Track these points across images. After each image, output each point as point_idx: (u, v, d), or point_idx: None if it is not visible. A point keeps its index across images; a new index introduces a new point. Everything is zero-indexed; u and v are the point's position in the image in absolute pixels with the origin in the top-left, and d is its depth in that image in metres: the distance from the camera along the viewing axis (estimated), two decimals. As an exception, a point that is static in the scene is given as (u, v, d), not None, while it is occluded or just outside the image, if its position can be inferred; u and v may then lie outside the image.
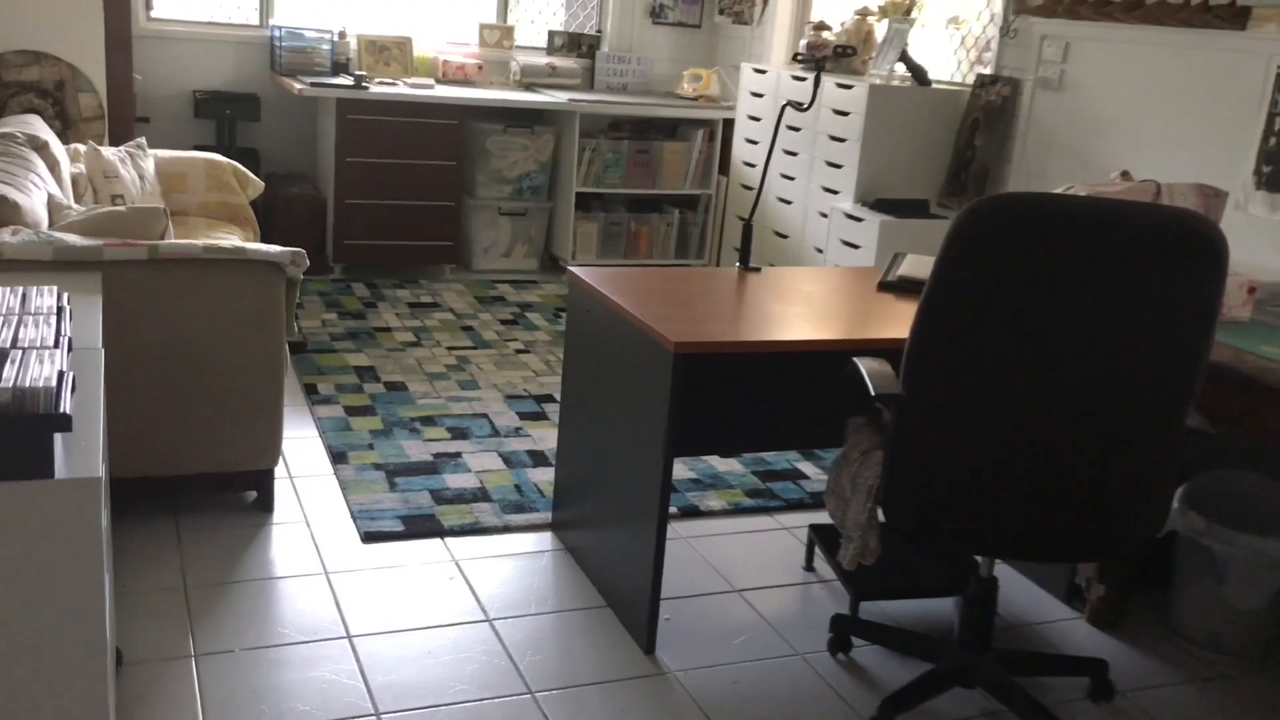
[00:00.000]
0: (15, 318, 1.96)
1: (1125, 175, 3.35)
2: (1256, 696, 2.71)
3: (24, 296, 2.08)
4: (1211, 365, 2.27)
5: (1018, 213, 2.01)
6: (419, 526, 3.14)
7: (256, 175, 4.54)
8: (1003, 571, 3.15)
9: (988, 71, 4.61)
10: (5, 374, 1.71)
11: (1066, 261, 2.02)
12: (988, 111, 4.54)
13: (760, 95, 5.45)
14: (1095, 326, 2.07)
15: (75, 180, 3.75)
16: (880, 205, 4.59)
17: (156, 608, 2.66)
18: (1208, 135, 3.66)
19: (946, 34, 4.95)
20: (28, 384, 1.69)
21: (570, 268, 2.99)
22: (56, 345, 1.87)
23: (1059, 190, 3.39)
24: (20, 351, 1.81)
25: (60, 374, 1.74)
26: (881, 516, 2.38)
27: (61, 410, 1.68)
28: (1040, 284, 2.04)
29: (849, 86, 4.73)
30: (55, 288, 2.17)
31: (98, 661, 1.79)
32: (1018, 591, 3.09)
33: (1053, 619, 2.98)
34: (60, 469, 1.71)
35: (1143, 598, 3.03)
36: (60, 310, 2.04)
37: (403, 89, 5.48)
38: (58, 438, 1.72)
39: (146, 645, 2.51)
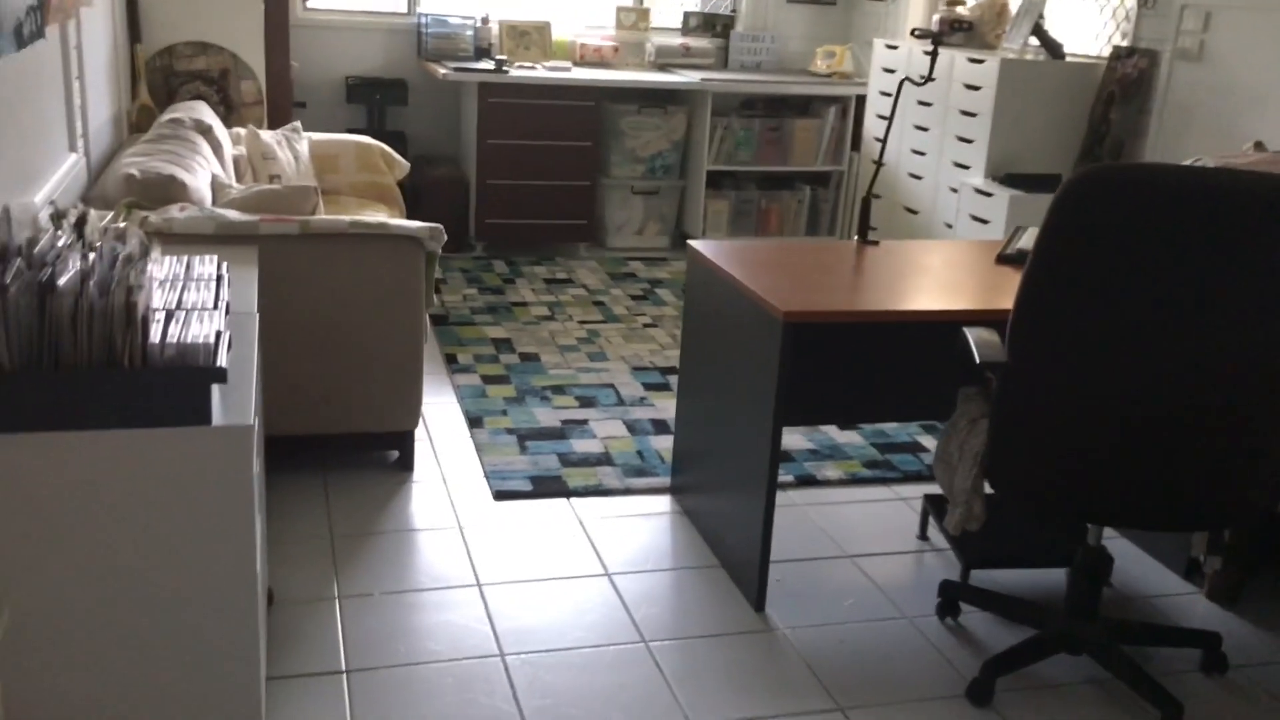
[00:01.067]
0: (180, 283, 2.18)
1: (1259, 146, 3.28)
2: (1381, 677, 2.66)
3: (188, 264, 2.31)
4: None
5: (1119, 184, 2.04)
6: (546, 487, 3.31)
7: (404, 157, 4.79)
8: (1121, 546, 3.15)
9: (1124, 43, 4.53)
10: (170, 331, 1.93)
11: (1168, 231, 2.04)
12: (1124, 84, 4.46)
13: (892, 71, 5.44)
14: (1200, 296, 2.09)
15: (236, 161, 4.04)
16: (1011, 180, 4.56)
17: (305, 554, 2.89)
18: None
19: (1084, 5, 4.87)
20: (189, 340, 1.90)
21: (690, 242, 3.10)
22: (215, 308, 2.08)
23: (1187, 163, 3.35)
24: (184, 312, 2.02)
25: (218, 332, 1.95)
26: (988, 485, 2.43)
27: (218, 364, 1.89)
28: (1142, 253, 2.06)
29: (980, 61, 4.71)
30: (215, 257, 2.39)
31: (250, 597, 2.00)
32: (1135, 565, 3.09)
33: (1170, 593, 2.97)
34: (216, 417, 1.92)
35: (1266, 576, 2.99)
36: (220, 278, 2.26)
37: (541, 72, 5.67)
38: (215, 389, 1.92)
39: (295, 587, 2.74)
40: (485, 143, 5.58)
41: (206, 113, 4.05)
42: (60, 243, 2.00)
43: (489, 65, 5.64)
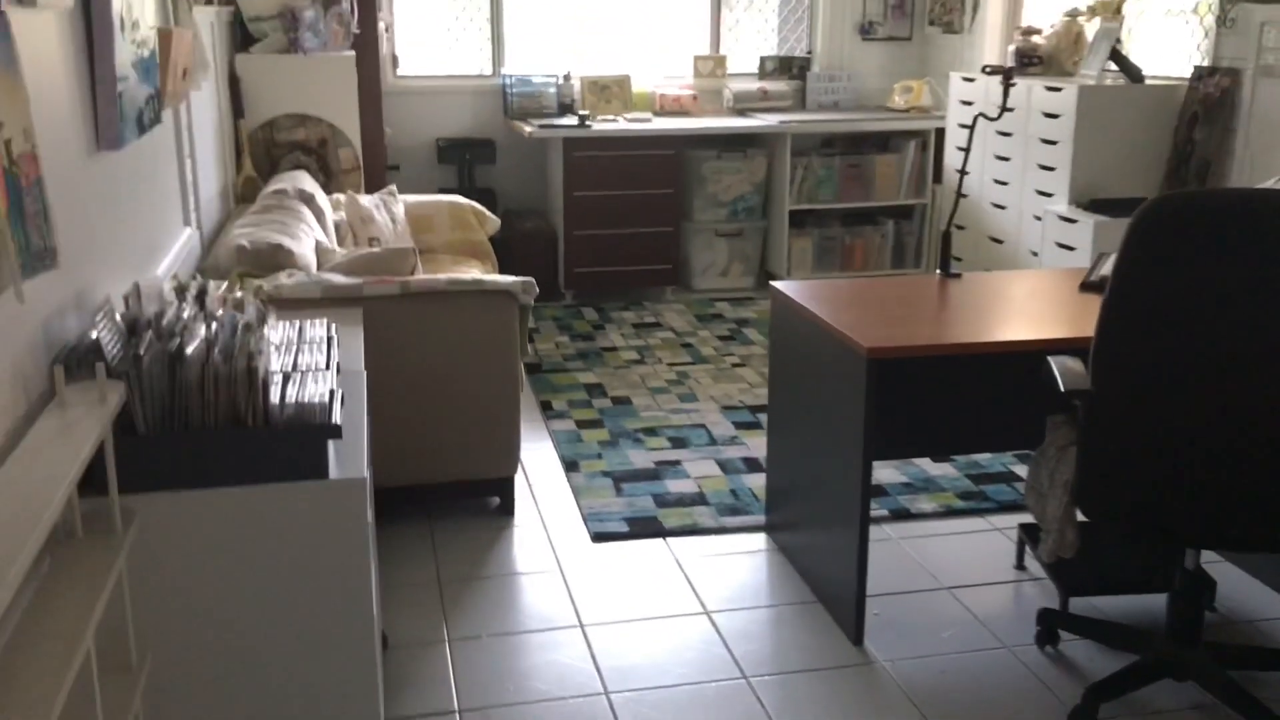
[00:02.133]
0: (294, 346, 2.33)
1: (1345, 161, 3.25)
2: None
3: (300, 328, 2.46)
4: None
5: (1189, 212, 2.07)
6: (643, 528, 3.40)
7: (494, 213, 4.96)
8: (1225, 570, 3.12)
9: (1205, 63, 4.51)
10: (288, 392, 2.07)
11: (1242, 255, 2.06)
12: (1207, 104, 4.44)
13: (969, 103, 5.48)
14: (1277, 314, 2.10)
15: (338, 226, 4.24)
16: (1095, 206, 4.55)
17: (415, 599, 3.02)
18: None
19: (1163, 26, 4.86)
20: (305, 400, 2.03)
21: (773, 284, 3.18)
22: (328, 368, 2.22)
23: (1271, 182, 3.34)
24: (299, 373, 2.16)
25: (331, 391, 2.08)
26: (1080, 513, 2.45)
27: (333, 421, 2.02)
28: (1216, 277, 2.09)
29: (1057, 89, 4.72)
30: (325, 319, 2.54)
31: (368, 641, 2.11)
32: (1241, 589, 3.05)
33: (1277, 616, 2.93)
34: (333, 471, 2.05)
35: (1379, 595, 2.93)
36: (330, 339, 2.40)
37: (623, 124, 5.82)
38: (330, 444, 2.05)
39: (408, 631, 2.86)
40: (571, 195, 5.74)
41: (308, 181, 4.26)
42: (185, 314, 2.16)
43: (572, 121, 5.81)
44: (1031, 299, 3.09)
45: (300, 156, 4.92)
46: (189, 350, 1.97)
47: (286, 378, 2.13)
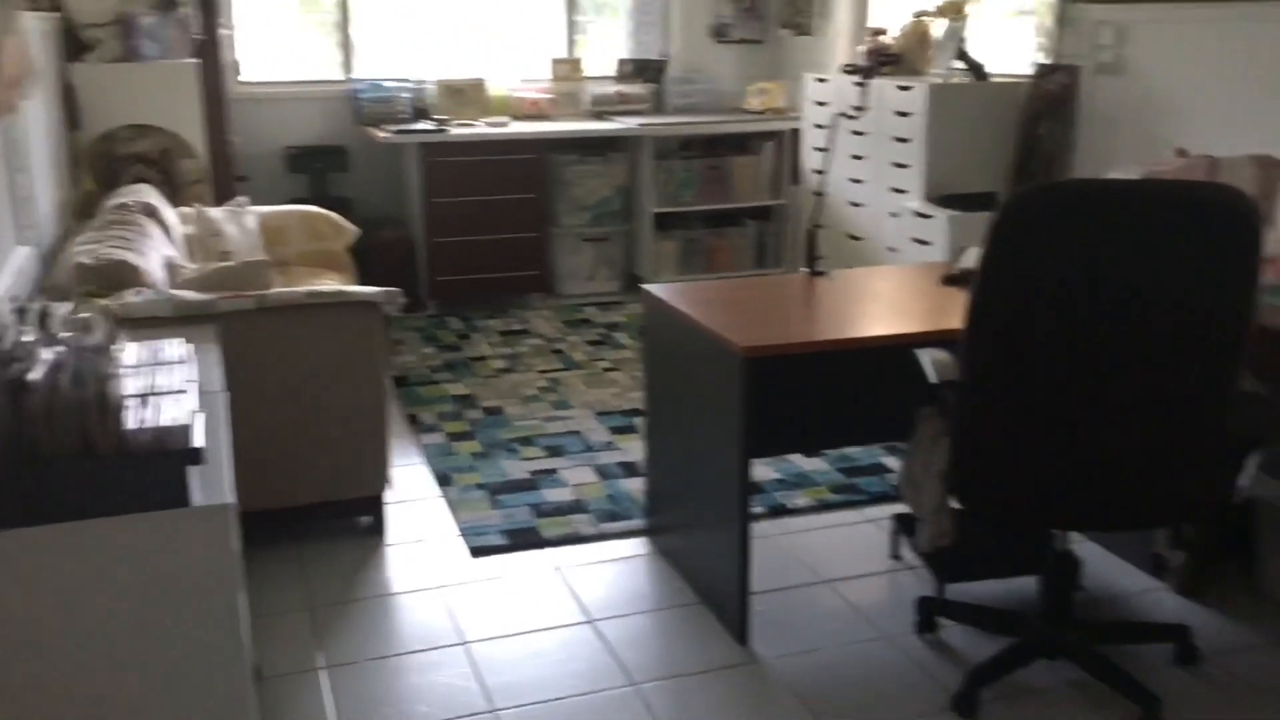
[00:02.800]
0: (149, 367, 2.20)
1: (1181, 153, 3.41)
2: (1347, 654, 2.74)
3: (155, 349, 2.33)
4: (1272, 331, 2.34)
5: (1050, 203, 2.13)
6: (522, 539, 3.34)
7: (350, 222, 4.81)
8: (1089, 549, 3.23)
9: (1047, 61, 4.68)
10: (145, 416, 1.94)
11: (1103, 242, 2.12)
12: (1049, 100, 4.61)
13: (824, 104, 5.57)
14: (1139, 301, 2.17)
15: (187, 240, 4.05)
16: (948, 201, 4.68)
17: (288, 627, 2.89)
18: (1272, 108, 3.69)
19: (1005, 25, 5.02)
20: (163, 424, 1.92)
21: (643, 286, 3.16)
22: (185, 390, 2.10)
23: (1113, 174, 3.48)
24: (156, 396, 2.04)
25: (192, 414, 1.97)
26: (955, 501, 2.50)
27: (193, 445, 1.91)
28: (1081, 265, 2.15)
29: (908, 88, 4.84)
30: (182, 339, 2.41)
31: (241, 676, 2.00)
32: (1103, 567, 3.16)
33: (1139, 590, 3.05)
34: (195, 498, 1.94)
35: (1229, 566, 3.07)
36: (187, 359, 2.28)
37: (481, 129, 5.74)
38: (192, 470, 1.94)
39: (281, 661, 2.74)
40: (431, 202, 5.63)
41: (152, 195, 4.06)
42: (26, 338, 2.01)
43: (429, 126, 5.70)
44: (897, 294, 3.15)
45: (142, 169, 4.69)
46: (33, 376, 1.83)
47: (143, 401, 2.01)
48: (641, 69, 6.51)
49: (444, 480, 3.74)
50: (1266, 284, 2.23)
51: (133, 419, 1.92)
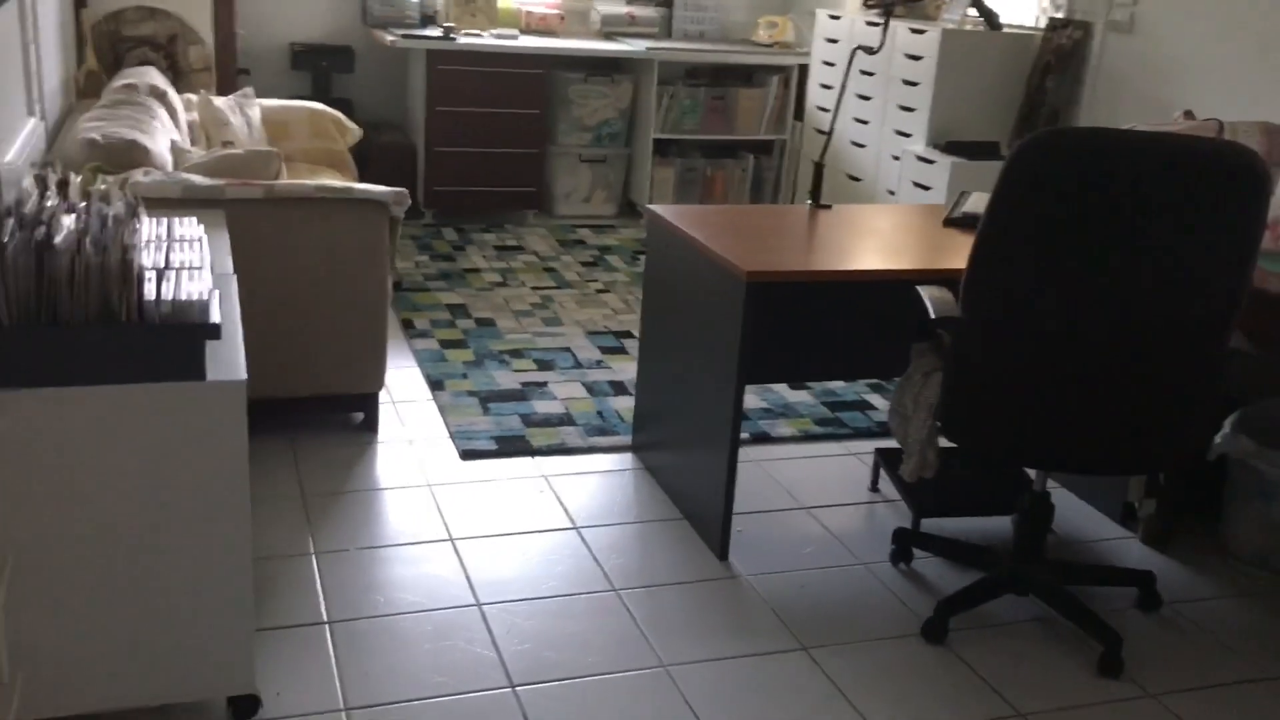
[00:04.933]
0: (165, 243, 2.22)
1: (1188, 115, 3.45)
2: (1301, 610, 2.86)
3: (169, 226, 2.35)
4: (1266, 294, 2.41)
5: (1068, 147, 2.17)
6: (511, 446, 3.40)
7: (352, 123, 4.79)
8: (1062, 496, 3.32)
9: (1059, 15, 4.68)
10: (163, 289, 1.97)
11: (1112, 191, 2.17)
12: (1059, 55, 4.62)
13: (835, 41, 5.56)
14: (1141, 252, 2.23)
15: (191, 127, 4.03)
16: (951, 148, 4.71)
17: (278, 513, 2.95)
18: None
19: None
20: (183, 297, 1.95)
21: (649, 206, 3.19)
22: (202, 267, 2.13)
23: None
24: (173, 271, 2.07)
25: (210, 289, 2.00)
26: (942, 440, 2.57)
27: (212, 320, 1.94)
28: (1088, 213, 2.20)
29: (921, 31, 4.84)
30: (194, 219, 2.43)
31: (243, 548, 2.06)
32: (1074, 513, 3.26)
33: (1107, 537, 3.14)
34: (210, 373, 1.97)
35: (1195, 521, 3.17)
36: (202, 239, 2.30)
37: (489, 40, 5.69)
38: (208, 345, 1.98)
39: (273, 544, 2.80)
40: (434, 110, 5.60)
41: (159, 78, 4.03)
42: (49, 203, 2.03)
43: (437, 33, 5.65)
44: (898, 232, 3.19)
45: (147, 52, 4.65)
46: (58, 240, 1.86)
47: (160, 274, 2.03)
48: (653, -8, 6.46)
49: (436, 385, 3.79)
50: (1264, 249, 2.28)
51: (152, 290, 1.95)
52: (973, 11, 4.93)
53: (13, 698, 1.79)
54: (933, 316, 2.46)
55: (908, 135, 4.95)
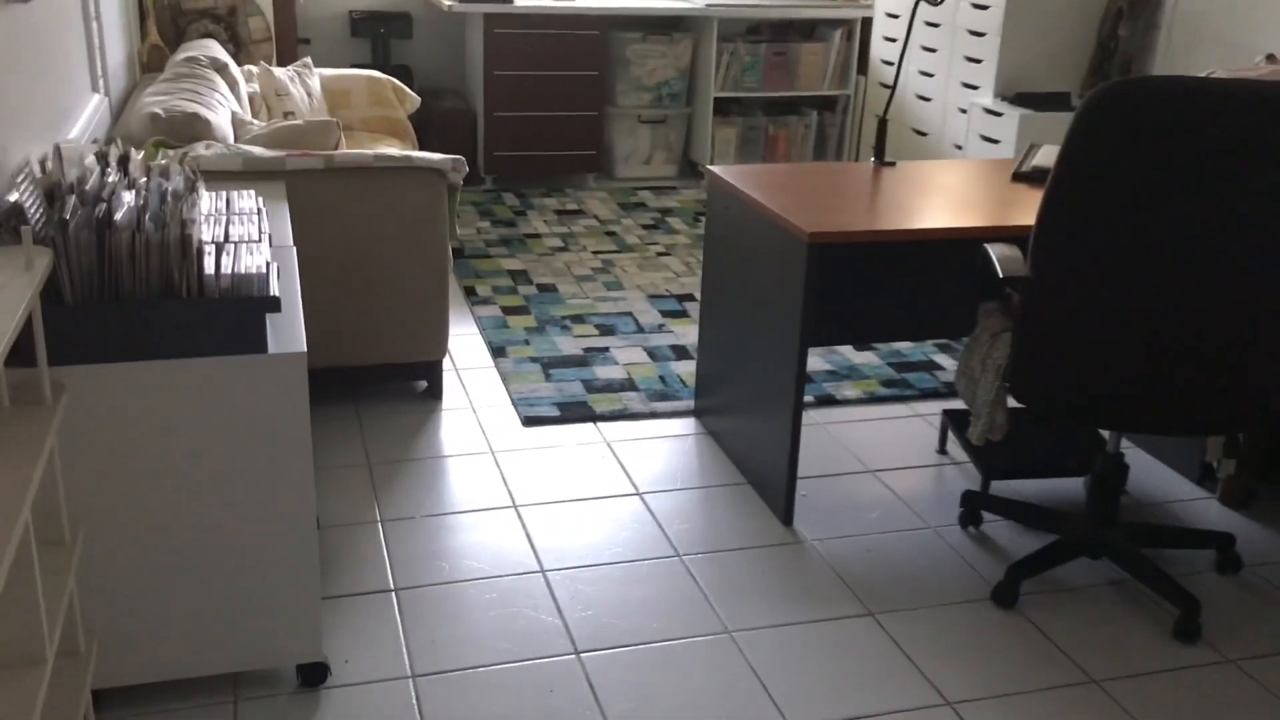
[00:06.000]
0: (224, 217, 2.24)
1: (1271, 59, 3.31)
2: (1389, 572, 2.76)
3: (228, 200, 2.36)
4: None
5: (1141, 97, 2.08)
6: (573, 412, 3.39)
7: (411, 91, 4.79)
8: (1137, 456, 3.24)
9: (1134, -42, 4.52)
10: (223, 263, 1.98)
11: (1190, 142, 2.08)
12: (1131, 1, 4.46)
13: (898, -7, 5.43)
14: (1221, 205, 2.14)
15: (251, 98, 4.06)
16: (1020, 99, 4.58)
17: (344, 481, 2.98)
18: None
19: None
20: (242, 271, 1.96)
21: (709, 167, 3.14)
22: (260, 240, 2.14)
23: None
24: (232, 245, 2.08)
25: (268, 263, 2.01)
26: (1011, 400, 2.50)
27: (272, 293, 1.95)
28: (1163, 164, 2.11)
29: (988, -20, 4.70)
30: (253, 191, 2.44)
31: (308, 518, 2.08)
32: (1151, 474, 3.17)
33: (1185, 498, 3.06)
34: (271, 345, 1.98)
35: (1277, 481, 3.07)
36: (260, 211, 2.31)
37: (545, 1, 5.65)
38: (268, 318, 1.99)
39: (338, 512, 2.83)
40: (492, 74, 5.58)
41: (219, 50, 4.06)
42: (109, 180, 2.05)
43: (493, -4, 5.61)
44: (965, 188, 3.11)
45: (209, 24, 4.68)
46: (118, 217, 1.87)
47: (219, 248, 2.04)
48: (711, -52, 6.34)
49: (498, 352, 3.79)
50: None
51: (211, 265, 1.96)
52: (1042, -43, 4.78)
53: (88, 668, 1.83)
54: (1000, 275, 2.40)
55: (975, 88, 4.83)
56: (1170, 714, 2.25)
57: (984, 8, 4.72)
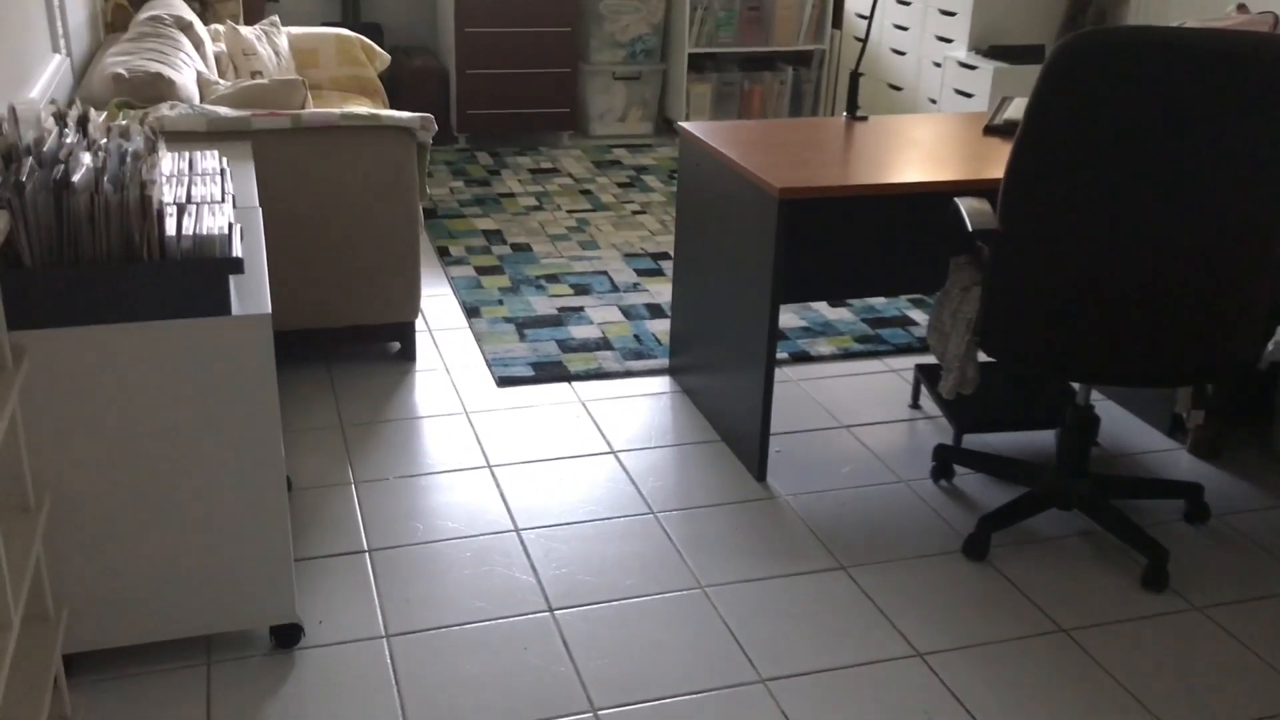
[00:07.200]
0: (185, 178, 2.21)
1: (1241, 8, 3.30)
2: (1355, 519, 2.79)
3: (190, 160, 2.33)
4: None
5: (1108, 48, 2.07)
6: (548, 372, 3.39)
7: (381, 49, 4.73)
8: (1107, 408, 3.26)
9: (1108, -92, 4.49)
10: (184, 224, 1.96)
11: (1156, 92, 2.08)
12: (1107, -50, 4.44)
13: (873, -55, 5.38)
14: (1188, 155, 2.14)
15: (218, 58, 4.00)
16: (994, 52, 4.56)
17: (317, 443, 2.97)
18: (1336, -37, 3.55)
19: None
20: (204, 232, 1.94)
21: (681, 124, 3.12)
22: (223, 200, 2.11)
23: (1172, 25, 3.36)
24: (194, 206, 2.05)
25: (230, 224, 1.99)
26: (982, 354, 2.51)
27: (234, 254, 1.93)
28: (1131, 116, 2.11)
29: (962, -69, 4.66)
30: (216, 152, 2.41)
31: (277, 480, 2.07)
32: (1121, 426, 3.20)
33: (1155, 449, 3.08)
34: (235, 307, 1.97)
35: (1246, 431, 3.10)
36: (223, 171, 2.28)
37: (517, -43, 5.57)
38: (231, 279, 1.97)
39: (312, 474, 2.82)
40: (463, 31, 5.51)
41: (184, 9, 3.99)
42: (67, 141, 2.02)
43: (464, -49, 5.53)
44: (937, 142, 3.10)
45: (173, -18, 4.59)
46: (76, 178, 1.84)
47: (181, 210, 2.02)
48: (684, -99, 6.27)
49: (472, 312, 3.78)
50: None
51: (173, 226, 1.94)
52: (1016, -92, 4.75)
53: (57, 632, 1.82)
54: (970, 229, 2.39)
55: (949, 41, 4.80)
56: (1138, 662, 2.28)
57: (958, -40, 4.69)
